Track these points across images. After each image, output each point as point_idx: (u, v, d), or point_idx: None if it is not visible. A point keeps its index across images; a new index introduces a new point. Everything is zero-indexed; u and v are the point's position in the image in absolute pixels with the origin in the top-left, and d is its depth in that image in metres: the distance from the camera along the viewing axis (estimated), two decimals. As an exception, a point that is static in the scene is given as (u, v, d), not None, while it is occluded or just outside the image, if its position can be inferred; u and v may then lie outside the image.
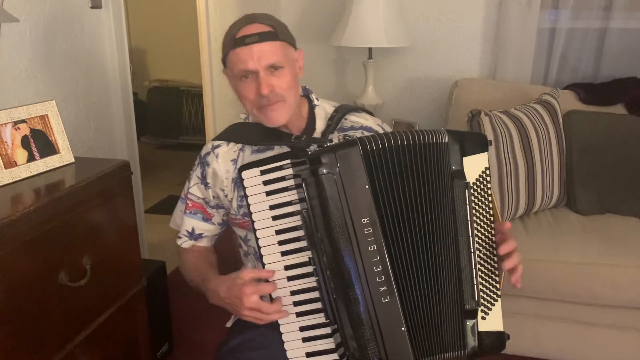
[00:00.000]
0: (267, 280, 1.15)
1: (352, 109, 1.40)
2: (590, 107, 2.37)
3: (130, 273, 1.55)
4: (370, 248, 1.07)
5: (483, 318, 1.13)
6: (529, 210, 2.18)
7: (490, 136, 2.06)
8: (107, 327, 1.44)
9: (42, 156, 1.38)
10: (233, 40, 1.21)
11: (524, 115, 2.18)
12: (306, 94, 1.38)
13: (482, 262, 1.14)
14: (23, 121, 1.35)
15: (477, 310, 1.12)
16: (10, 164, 1.30)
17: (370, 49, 2.82)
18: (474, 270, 1.11)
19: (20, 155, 1.33)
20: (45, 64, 1.79)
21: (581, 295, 1.90)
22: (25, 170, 1.33)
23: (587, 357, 2.01)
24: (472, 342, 1.13)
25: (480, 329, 1.13)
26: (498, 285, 1.15)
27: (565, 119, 2.27)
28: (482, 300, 1.13)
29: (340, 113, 1.35)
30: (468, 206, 1.11)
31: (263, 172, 1.15)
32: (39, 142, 1.37)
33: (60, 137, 1.42)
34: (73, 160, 1.45)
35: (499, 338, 1.15)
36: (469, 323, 1.12)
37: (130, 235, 1.53)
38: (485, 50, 2.88)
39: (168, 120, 4.99)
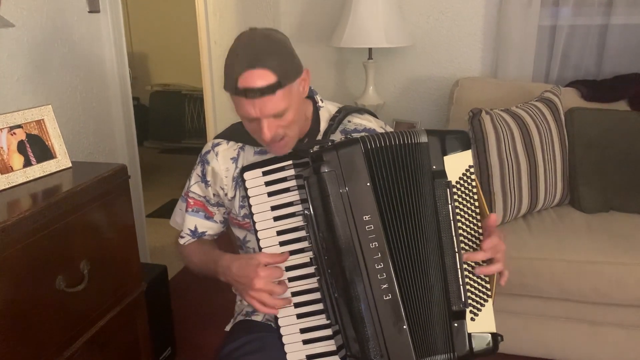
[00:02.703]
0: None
1: (354, 109, 1.39)
2: (593, 104, 2.35)
3: (130, 277, 1.54)
4: (372, 245, 1.07)
5: (472, 319, 1.11)
6: (532, 209, 2.16)
7: (492, 135, 2.04)
8: (106, 332, 1.43)
9: (38, 161, 1.37)
10: (234, 88, 1.12)
11: (525, 113, 2.16)
12: (311, 95, 1.36)
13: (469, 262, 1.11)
14: (19, 126, 1.34)
15: (465, 311, 1.10)
16: (6, 169, 1.30)
17: (370, 50, 2.81)
18: (459, 270, 1.09)
19: (17, 160, 1.33)
20: (43, 70, 1.79)
21: (587, 294, 1.88)
22: (21, 175, 1.33)
23: (593, 357, 1.99)
24: (461, 344, 1.10)
25: (469, 330, 1.10)
26: (488, 286, 1.13)
27: (568, 116, 2.26)
28: (470, 301, 1.10)
29: (342, 113, 1.35)
30: (450, 205, 1.09)
31: (265, 173, 1.16)
32: (36, 147, 1.37)
33: (56, 142, 1.42)
34: (70, 164, 1.45)
35: (492, 339, 1.12)
36: (457, 324, 1.10)
37: (129, 239, 1.53)
38: (486, 49, 2.87)
39: (170, 124, 5.00)
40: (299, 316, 1.15)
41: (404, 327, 1.08)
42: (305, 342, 1.15)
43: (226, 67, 1.15)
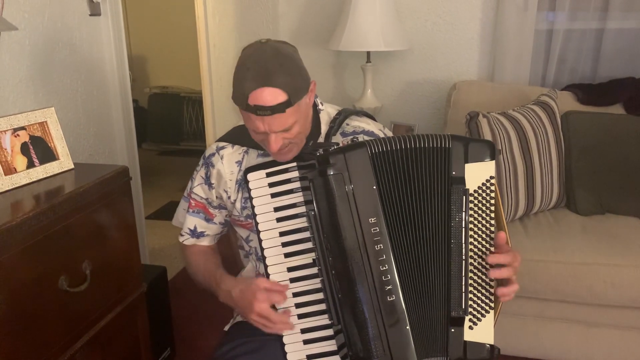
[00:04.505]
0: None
1: (354, 112, 1.41)
2: (589, 107, 2.38)
3: (131, 278, 1.56)
4: (377, 247, 1.08)
5: (470, 328, 1.11)
6: (529, 211, 2.18)
7: (489, 138, 2.06)
8: (107, 332, 1.44)
9: (41, 162, 1.39)
10: (245, 104, 1.12)
11: (522, 117, 2.18)
12: None
13: (475, 271, 1.11)
14: (22, 128, 1.36)
15: (464, 318, 1.11)
16: (9, 170, 1.31)
17: (368, 53, 2.83)
18: (463, 277, 1.10)
19: (20, 161, 1.34)
20: (44, 72, 1.80)
21: (582, 295, 1.90)
22: (24, 176, 1.34)
23: (588, 358, 2.01)
24: (455, 349, 1.11)
25: (466, 338, 1.11)
26: (492, 297, 1.13)
27: (564, 120, 2.28)
28: (471, 309, 1.11)
29: (342, 116, 1.36)
30: (464, 213, 1.10)
31: (269, 175, 1.18)
32: (39, 149, 1.38)
33: (59, 144, 1.43)
34: (72, 166, 1.46)
35: (487, 350, 1.12)
36: (454, 330, 1.11)
37: (130, 240, 1.54)
38: (483, 52, 2.89)
39: (169, 126, 5.01)
40: (300, 316, 1.17)
41: (407, 327, 1.09)
42: (306, 342, 1.17)
43: (236, 80, 1.14)
